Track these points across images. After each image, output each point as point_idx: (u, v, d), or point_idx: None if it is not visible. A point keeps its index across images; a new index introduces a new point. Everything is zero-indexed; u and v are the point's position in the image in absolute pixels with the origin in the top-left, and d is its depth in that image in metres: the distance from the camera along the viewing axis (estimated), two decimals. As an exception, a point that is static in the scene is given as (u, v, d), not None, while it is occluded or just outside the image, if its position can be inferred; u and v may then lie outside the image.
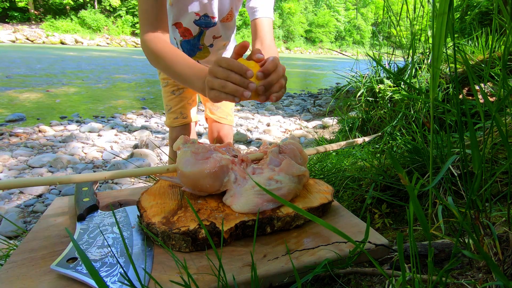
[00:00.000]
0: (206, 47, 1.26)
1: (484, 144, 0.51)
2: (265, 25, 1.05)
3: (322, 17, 49.92)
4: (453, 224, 0.63)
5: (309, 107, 5.01)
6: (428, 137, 1.05)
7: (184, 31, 1.17)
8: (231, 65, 0.64)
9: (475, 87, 0.62)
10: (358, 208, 0.96)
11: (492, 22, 2.04)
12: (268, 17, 1.06)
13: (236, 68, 0.63)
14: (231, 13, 1.18)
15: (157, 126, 3.78)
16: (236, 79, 0.63)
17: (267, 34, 1.04)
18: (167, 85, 1.41)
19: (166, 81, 1.42)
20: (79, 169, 2.38)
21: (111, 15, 34.64)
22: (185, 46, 1.24)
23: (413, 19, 1.63)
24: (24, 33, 26.37)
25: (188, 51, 1.25)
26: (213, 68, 0.66)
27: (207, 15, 1.12)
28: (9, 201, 1.87)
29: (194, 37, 1.21)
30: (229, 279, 0.51)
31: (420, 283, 0.42)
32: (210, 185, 0.68)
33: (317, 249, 0.59)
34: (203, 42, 1.23)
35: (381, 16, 1.99)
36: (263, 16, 1.05)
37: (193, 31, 1.18)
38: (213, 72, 0.66)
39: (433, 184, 0.39)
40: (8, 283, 0.51)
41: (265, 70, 0.65)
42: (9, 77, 6.93)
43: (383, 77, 1.74)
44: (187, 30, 1.17)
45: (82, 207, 0.71)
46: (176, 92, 1.40)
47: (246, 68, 0.63)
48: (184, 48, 1.24)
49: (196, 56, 1.28)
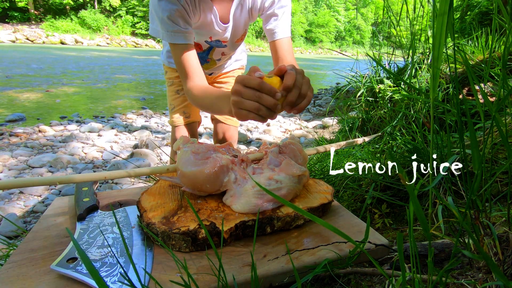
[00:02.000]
0: (213, 60, 1.30)
1: (484, 144, 0.51)
2: (285, 45, 1.09)
3: (322, 17, 49.92)
4: (453, 224, 0.64)
5: (309, 107, 5.01)
6: (428, 137, 1.05)
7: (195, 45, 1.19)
8: (262, 87, 0.63)
9: (475, 87, 0.62)
10: (358, 208, 0.96)
11: (492, 22, 2.04)
12: (287, 36, 1.09)
13: (266, 90, 0.63)
14: (244, 34, 1.22)
15: (157, 126, 3.78)
16: (268, 103, 0.63)
17: (287, 54, 1.08)
18: (172, 84, 1.42)
19: (171, 80, 1.42)
20: (79, 169, 2.38)
21: (111, 15, 34.64)
22: None
23: (413, 19, 1.63)
24: (24, 33, 26.37)
25: None
26: (240, 88, 0.65)
27: (219, 40, 1.16)
28: (9, 201, 1.87)
29: (203, 52, 1.23)
30: (229, 279, 0.51)
31: (420, 283, 0.42)
32: (210, 185, 0.68)
33: (317, 249, 0.59)
34: (211, 57, 1.26)
35: (381, 16, 1.99)
36: (282, 37, 1.08)
37: (203, 46, 1.21)
38: (240, 92, 0.65)
39: (433, 184, 0.39)
40: (8, 283, 0.51)
41: (286, 88, 0.64)
42: (9, 77, 6.93)
43: (383, 77, 1.74)
44: (198, 45, 1.20)
45: (82, 207, 0.71)
46: (181, 92, 1.40)
47: (275, 90, 0.63)
48: None
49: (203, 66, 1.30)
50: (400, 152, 1.04)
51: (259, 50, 39.93)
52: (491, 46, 0.75)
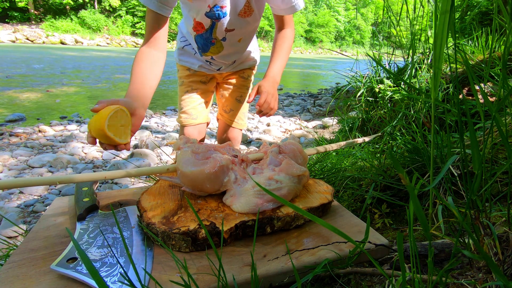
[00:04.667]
0: (219, 41, 1.23)
1: (484, 144, 0.51)
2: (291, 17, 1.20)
3: (322, 17, 49.91)
4: (453, 224, 0.64)
5: (309, 107, 5.01)
6: (428, 137, 1.05)
7: (197, 25, 1.17)
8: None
9: (475, 87, 0.62)
10: (358, 208, 0.96)
11: (492, 22, 2.04)
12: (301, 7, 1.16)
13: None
14: (249, 7, 1.15)
15: (157, 126, 3.78)
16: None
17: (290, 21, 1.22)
18: (182, 84, 1.42)
19: (182, 80, 1.42)
20: (79, 169, 2.38)
21: (111, 15, 34.63)
22: (199, 40, 1.23)
23: (413, 19, 1.63)
24: (24, 33, 26.35)
25: (202, 45, 1.25)
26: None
27: (217, 5, 1.10)
28: (9, 201, 1.87)
29: (207, 31, 1.19)
30: (229, 279, 0.51)
31: (420, 283, 0.42)
32: (210, 185, 0.68)
33: (317, 249, 0.59)
34: (215, 36, 1.21)
35: (381, 16, 1.99)
36: (300, 7, 1.14)
37: (205, 24, 1.17)
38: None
39: (433, 184, 0.39)
40: (8, 283, 0.51)
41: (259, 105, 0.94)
42: (9, 77, 6.93)
43: (383, 77, 1.74)
44: (199, 24, 1.17)
45: (82, 207, 0.71)
46: (190, 93, 1.40)
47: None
48: (199, 43, 1.24)
49: (210, 51, 1.26)
50: (400, 152, 1.04)
51: (259, 50, 39.93)
52: (491, 46, 0.75)
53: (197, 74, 1.40)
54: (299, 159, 0.79)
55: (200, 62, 1.35)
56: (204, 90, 1.43)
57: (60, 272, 0.51)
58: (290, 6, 1.12)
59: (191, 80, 1.40)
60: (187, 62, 1.38)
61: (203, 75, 1.41)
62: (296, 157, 0.79)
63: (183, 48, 1.37)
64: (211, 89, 1.48)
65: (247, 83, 1.50)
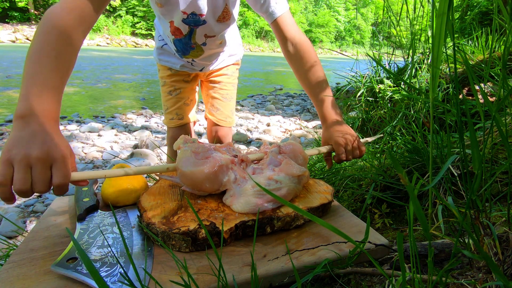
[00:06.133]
0: (199, 46, 1.21)
1: (484, 144, 0.51)
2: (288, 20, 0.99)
3: (322, 17, 49.90)
4: (453, 224, 0.64)
5: (309, 107, 5.01)
6: (428, 137, 1.05)
7: (175, 30, 1.14)
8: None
9: (475, 87, 0.62)
10: (358, 208, 0.96)
11: (492, 22, 2.04)
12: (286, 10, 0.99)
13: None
14: (227, 11, 1.11)
15: (157, 126, 3.78)
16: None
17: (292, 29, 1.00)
18: (164, 84, 1.39)
19: (163, 80, 1.39)
20: (79, 169, 2.38)
21: (111, 15, 34.63)
22: (178, 44, 1.21)
23: (413, 19, 1.63)
24: (24, 33, 26.34)
25: (181, 49, 1.22)
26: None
27: (195, 13, 1.07)
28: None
29: (185, 36, 1.16)
30: (229, 279, 0.51)
31: (420, 283, 0.42)
32: (210, 185, 0.68)
33: (317, 249, 0.59)
34: (195, 41, 1.18)
35: (381, 16, 1.99)
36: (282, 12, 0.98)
37: (183, 30, 1.14)
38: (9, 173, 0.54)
39: (433, 184, 0.39)
40: (8, 283, 0.51)
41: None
42: (9, 77, 6.92)
43: (383, 77, 1.74)
44: (178, 29, 1.14)
45: (82, 207, 0.71)
46: (173, 93, 1.38)
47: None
48: (178, 47, 1.22)
49: (190, 54, 1.24)
50: (400, 152, 1.05)
51: (259, 50, 39.89)
52: (491, 46, 0.75)
53: (179, 73, 1.37)
54: (299, 159, 0.79)
55: (181, 62, 1.33)
56: (188, 88, 1.40)
57: (60, 272, 0.51)
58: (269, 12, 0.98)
59: (173, 80, 1.37)
60: (167, 62, 1.35)
61: (185, 74, 1.38)
62: (296, 157, 0.79)
63: (162, 48, 1.34)
64: (195, 86, 1.45)
65: (232, 80, 1.46)
